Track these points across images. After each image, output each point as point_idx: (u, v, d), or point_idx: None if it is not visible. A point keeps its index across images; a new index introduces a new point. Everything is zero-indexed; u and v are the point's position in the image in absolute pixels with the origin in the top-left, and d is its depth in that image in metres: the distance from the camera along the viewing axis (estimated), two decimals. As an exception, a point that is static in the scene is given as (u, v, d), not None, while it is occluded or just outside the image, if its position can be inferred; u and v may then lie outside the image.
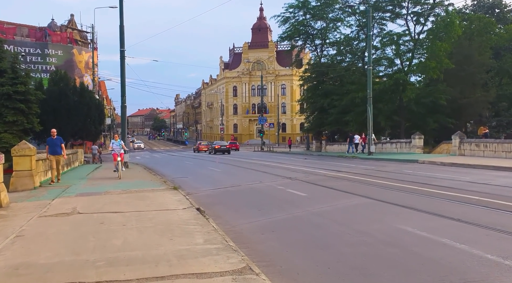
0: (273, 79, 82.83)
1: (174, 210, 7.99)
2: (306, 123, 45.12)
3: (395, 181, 12.53)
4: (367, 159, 24.06)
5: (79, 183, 13.63)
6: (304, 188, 11.43)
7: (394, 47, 32.04)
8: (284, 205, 8.97)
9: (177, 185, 12.65)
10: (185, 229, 6.21)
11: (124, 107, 22.06)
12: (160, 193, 10.56)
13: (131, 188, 11.76)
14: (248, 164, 23.23)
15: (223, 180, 14.99)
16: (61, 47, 54.42)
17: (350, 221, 7.08)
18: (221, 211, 8.47)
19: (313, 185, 12.21)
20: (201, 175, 17.35)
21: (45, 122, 28.59)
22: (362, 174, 15.15)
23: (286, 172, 16.72)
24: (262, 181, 13.61)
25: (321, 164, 21.39)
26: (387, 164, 19.77)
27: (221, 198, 10.44)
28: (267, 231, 6.59)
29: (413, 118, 32.44)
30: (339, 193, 10.40)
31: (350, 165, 19.63)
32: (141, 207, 8.41)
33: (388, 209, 8.10)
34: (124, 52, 21.94)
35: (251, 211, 8.39)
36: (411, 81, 30.96)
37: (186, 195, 10.08)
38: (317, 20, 40.63)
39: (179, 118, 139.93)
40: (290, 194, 10.44)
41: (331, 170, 16.98)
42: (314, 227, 6.72)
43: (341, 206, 8.58)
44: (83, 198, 9.81)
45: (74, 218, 7.41)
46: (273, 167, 20.08)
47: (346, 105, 33.44)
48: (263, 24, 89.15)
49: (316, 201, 9.37)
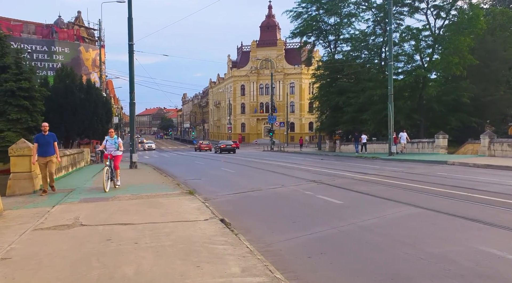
0: (281, 78, 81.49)
1: (194, 221, 6.72)
2: (317, 122, 43.75)
3: (434, 185, 11.16)
4: (390, 160, 22.65)
5: (83, 186, 12.41)
6: (336, 194, 10.10)
7: (413, 43, 30.55)
8: (322, 215, 7.65)
9: (192, 189, 11.39)
10: (213, 251, 4.93)
11: (133, 104, 20.87)
12: (174, 198, 9.29)
13: (142, 192, 10.52)
14: (262, 164, 21.94)
15: (240, 182, 13.71)
16: (68, 44, 53.55)
17: (412, 239, 5.75)
18: (248, 223, 7.17)
19: (345, 190, 10.87)
20: (215, 177, 16.08)
21: (51, 120, 27.37)
22: (392, 177, 13.80)
23: (307, 174, 15.39)
24: (285, 185, 12.31)
25: (342, 165, 20.03)
26: (414, 166, 18.35)
27: (244, 205, 9.15)
28: (314, 253, 5.28)
29: (433, 116, 30.97)
30: (379, 201, 9.06)
31: (374, 167, 18.25)
32: (155, 217, 7.15)
33: (450, 223, 6.76)
34: (133, 46, 20.75)
35: (284, 223, 7.09)
36: (433, 78, 29.42)
37: (204, 201, 8.81)
38: (331, 15, 39.32)
39: (186, 118, 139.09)
40: (323, 202, 9.12)
41: (356, 172, 15.62)
42: (371, 248, 5.40)
43: (390, 218, 7.25)
44: (87, 205, 8.58)
45: (76, 232, 6.16)
46: (290, 169, 18.77)
47: (362, 103, 32.04)
48: (272, 22, 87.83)
49: (356, 210, 8.05)
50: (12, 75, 23.46)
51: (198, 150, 51.58)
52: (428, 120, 31.26)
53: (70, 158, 17.34)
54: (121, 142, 11.77)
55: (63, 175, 15.56)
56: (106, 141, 11.69)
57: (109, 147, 11.59)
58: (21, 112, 23.52)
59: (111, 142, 11.64)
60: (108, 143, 11.63)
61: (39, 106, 24.57)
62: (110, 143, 11.63)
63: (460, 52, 28.06)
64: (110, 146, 11.60)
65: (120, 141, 11.70)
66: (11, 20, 50.41)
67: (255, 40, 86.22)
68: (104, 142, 11.78)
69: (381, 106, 30.32)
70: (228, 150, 40.66)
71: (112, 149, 11.52)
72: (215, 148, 45.54)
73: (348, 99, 33.41)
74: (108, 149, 11.58)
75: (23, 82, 23.38)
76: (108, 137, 11.80)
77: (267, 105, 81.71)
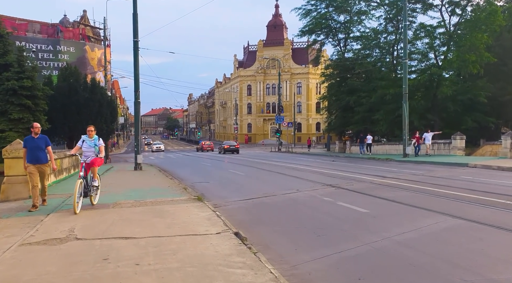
0: (288, 78, 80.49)
1: (205, 235, 5.86)
2: (326, 123, 42.78)
3: (463, 191, 10.22)
4: (405, 162, 21.66)
5: (84, 190, 11.59)
6: (359, 201, 9.19)
7: (428, 40, 29.48)
8: (348, 227, 6.76)
9: (200, 194, 10.56)
10: (230, 277, 4.06)
11: (138, 103, 20.09)
12: (182, 205, 8.44)
13: (146, 197, 9.69)
14: (273, 166, 21.06)
15: (251, 186, 12.84)
16: (73, 43, 53.04)
17: (465, 260, 4.84)
18: (267, 236, 6.30)
19: (367, 196, 9.96)
20: (224, 180, 15.22)
21: (54, 119, 26.85)
22: (414, 181, 12.85)
23: (322, 178, 14.49)
24: (300, 190, 11.42)
25: (356, 167, 19.08)
26: (433, 168, 17.37)
27: (259, 214, 8.27)
28: (350, 278, 4.39)
29: (448, 116, 29.89)
30: (408, 209, 8.14)
31: (390, 169, 17.29)
32: (160, 229, 6.30)
33: (500, 238, 5.84)
34: (138, 43, 19.98)
35: (307, 237, 6.20)
36: (448, 76, 28.32)
37: (214, 209, 7.96)
38: (340, 13, 38.35)
39: (192, 118, 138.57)
40: (346, 210, 8.22)
41: (373, 176, 14.69)
42: (420, 273, 4.50)
43: (427, 231, 6.34)
44: (85, 213, 7.75)
45: (69, 248, 5.32)
46: (302, 171, 17.87)
47: (374, 103, 31.04)
48: (279, 21, 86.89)
49: (386, 221, 7.15)
50: (14, 73, 22.81)
51: (200, 150, 51.40)
52: (442, 120, 30.17)
53: (72, 160, 16.56)
54: (103, 146, 8.62)
55: (64, 177, 14.78)
56: (83, 142, 8.36)
57: (87, 151, 8.32)
58: (23, 111, 22.87)
59: (90, 144, 8.33)
60: (86, 146, 8.34)
61: (42, 105, 23.89)
62: (88, 146, 8.33)
63: (477, 50, 26.98)
64: (87, 149, 8.32)
65: (101, 144, 8.50)
66: (16, 19, 49.95)
67: (262, 40, 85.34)
68: (79, 143, 8.46)
69: (394, 106, 29.31)
70: (231, 150, 41.43)
71: (91, 155, 8.27)
72: (219, 148, 46.05)
73: (359, 98, 32.41)
74: (84, 153, 8.33)
75: (25, 80, 22.72)
76: (85, 137, 8.39)
77: (273, 105, 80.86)
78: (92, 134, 8.47)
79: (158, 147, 57.58)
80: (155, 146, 58.62)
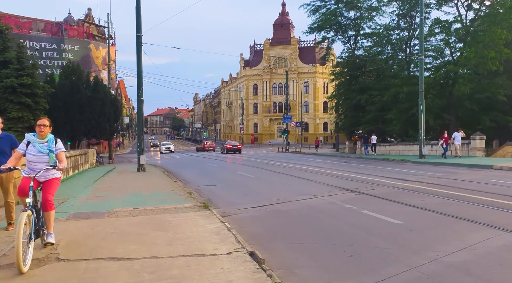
0: (295, 77, 79.25)
1: (214, 255, 4.81)
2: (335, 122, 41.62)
3: (500, 197, 9.12)
4: (423, 164, 20.49)
5: (80, 194, 10.61)
6: (387, 209, 8.10)
7: (443, 36, 28.24)
8: (383, 244, 5.67)
9: (206, 199, 9.54)
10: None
11: (141, 101, 19.12)
12: (186, 215, 7.40)
13: (147, 203, 8.68)
14: (282, 168, 20.00)
15: (262, 190, 11.79)
16: (77, 42, 52.40)
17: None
18: (288, 257, 5.23)
19: (394, 203, 8.86)
20: (232, 183, 14.18)
21: (55, 119, 25.73)
22: (440, 185, 11.73)
23: (338, 181, 13.40)
24: (316, 195, 10.35)
25: (371, 169, 17.95)
26: (455, 170, 16.20)
27: (274, 225, 7.19)
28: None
29: (464, 115, 28.64)
30: (447, 220, 7.03)
31: (409, 172, 16.15)
32: (160, 246, 5.27)
33: None
34: (141, 38, 19.00)
35: (338, 259, 5.12)
36: (465, 74, 27.04)
37: (224, 220, 6.91)
38: (350, 9, 37.18)
39: (198, 118, 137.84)
40: (375, 221, 7.13)
41: (393, 179, 13.58)
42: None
43: (483, 250, 5.23)
44: (75, 224, 6.74)
45: (45, 275, 4.29)
46: (315, 173, 16.80)
47: (385, 102, 29.86)
48: (286, 19, 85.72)
49: (426, 236, 6.06)
50: (14, 70, 21.99)
51: (201, 150, 50.88)
52: (458, 119, 28.90)
53: (71, 161, 15.62)
54: (63, 152, 5.28)
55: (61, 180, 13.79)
56: (28, 145, 5.08)
57: (34, 160, 5.06)
58: (22, 110, 22.05)
59: (41, 149, 5.05)
60: (33, 151, 5.06)
61: (42, 103, 23.04)
62: (38, 151, 5.05)
63: (496, 46, 25.71)
64: (36, 157, 5.06)
65: (61, 150, 5.22)
66: (20, 17, 49.36)
67: (268, 39, 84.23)
68: (20, 146, 5.17)
69: (407, 104, 28.13)
70: (233, 150, 42.73)
71: (42, 166, 4.97)
72: (221, 148, 46.74)
73: (371, 97, 31.23)
74: (31, 164, 5.06)
75: (25, 78, 21.90)
76: (31, 136, 5.13)
77: (280, 105, 79.80)
78: (45, 132, 5.09)
79: (167, 148, 49.97)
80: (164, 147, 50.89)
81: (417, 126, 27.61)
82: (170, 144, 53.07)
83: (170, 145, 51.74)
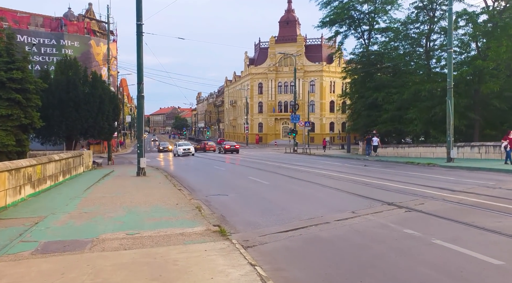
0: (301, 76, 77.03)
1: None
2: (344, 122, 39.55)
3: None
4: (453, 168, 18.39)
5: (63, 210, 8.58)
6: (466, 239, 6.04)
7: (470, 29, 26.08)
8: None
9: (219, 217, 7.54)
10: None
11: (142, 97, 17.12)
12: (198, 248, 5.37)
13: (144, 227, 6.67)
14: (297, 172, 17.95)
15: (284, 203, 9.74)
16: (77, 37, 50.49)
17: None
18: None
19: (465, 226, 6.79)
20: (245, 192, 12.13)
21: (50, 117, 24.03)
22: (499, 197, 9.71)
23: (371, 191, 11.31)
24: (356, 212, 8.32)
25: (400, 175, 15.84)
26: (497, 177, 14.09)
27: (323, 267, 5.09)
28: None
29: (491, 115, 26.49)
30: None
31: (446, 178, 14.06)
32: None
33: None
34: (142, 27, 16.99)
35: None
36: (493, 70, 24.88)
37: (251, 260, 4.88)
38: (364, 2, 35.05)
39: (201, 117, 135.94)
40: (464, 260, 5.07)
41: (434, 188, 11.47)
42: None
43: None
44: (40, 266, 4.71)
45: None
46: (337, 180, 14.79)
47: (404, 100, 27.75)
48: (292, 17, 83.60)
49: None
50: (2, 63, 19.91)
51: (202, 150, 49.49)
52: (484, 119, 26.76)
53: (60, 165, 13.61)
54: None
55: (47, 188, 11.80)
56: None
57: None
58: (12, 107, 19.94)
59: None
60: None
61: (34, 100, 20.94)
62: None
63: (530, 39, 23.57)
64: None
65: None
66: (17, 12, 47.52)
67: (274, 36, 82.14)
68: None
69: (429, 103, 26.02)
70: (231, 150, 43.69)
71: None
72: (219, 148, 47.64)
73: (388, 95, 29.11)
74: None
75: (15, 72, 19.81)
76: None
77: (285, 104, 77.83)
78: None
79: (186, 149, 39.73)
80: (181, 148, 40.32)
81: (439, 126, 25.53)
82: (188, 145, 42.87)
83: (189, 146, 41.28)
